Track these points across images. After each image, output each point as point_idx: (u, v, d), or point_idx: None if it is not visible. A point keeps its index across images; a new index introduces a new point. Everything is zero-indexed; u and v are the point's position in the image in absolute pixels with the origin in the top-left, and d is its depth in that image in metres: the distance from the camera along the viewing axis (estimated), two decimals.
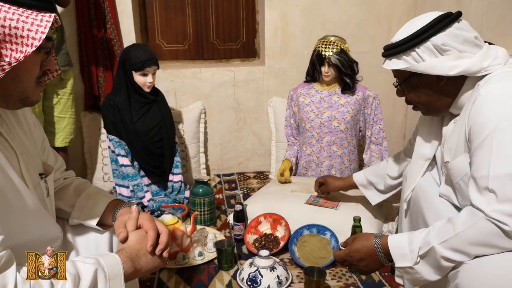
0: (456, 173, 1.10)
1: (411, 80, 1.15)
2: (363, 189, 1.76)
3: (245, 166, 2.87)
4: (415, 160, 1.33)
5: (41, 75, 0.88)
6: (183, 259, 1.70)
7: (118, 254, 0.87)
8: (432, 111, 1.20)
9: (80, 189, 1.15)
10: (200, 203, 2.01)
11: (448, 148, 1.14)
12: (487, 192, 0.94)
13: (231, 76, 2.70)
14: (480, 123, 0.98)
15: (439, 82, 1.11)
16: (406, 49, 1.10)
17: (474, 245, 0.94)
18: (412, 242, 1.03)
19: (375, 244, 1.10)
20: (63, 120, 2.08)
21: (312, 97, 2.29)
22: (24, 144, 0.97)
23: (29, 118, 1.04)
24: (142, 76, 2.03)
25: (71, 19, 2.37)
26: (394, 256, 1.06)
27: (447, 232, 0.98)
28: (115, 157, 2.06)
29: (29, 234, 0.86)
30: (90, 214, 1.08)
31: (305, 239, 1.72)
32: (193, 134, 2.60)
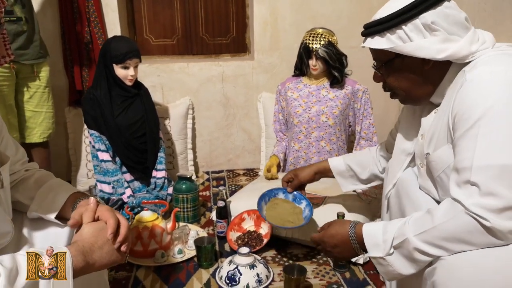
0: (438, 166, 1.03)
1: (393, 63, 1.04)
2: (338, 177, 1.58)
3: (234, 163, 2.81)
4: (396, 155, 1.26)
5: None
6: (162, 256, 1.64)
7: (68, 248, 0.81)
8: (412, 98, 1.10)
9: (41, 181, 1.09)
10: (183, 200, 1.96)
11: (429, 139, 1.06)
12: (468, 185, 0.87)
13: (219, 71, 2.65)
14: (465, 110, 0.90)
15: (424, 66, 1.01)
16: (391, 26, 0.99)
17: (452, 240, 0.88)
18: (387, 232, 0.98)
19: (349, 232, 1.06)
20: (39, 115, 2.02)
21: (300, 91, 2.23)
22: None
23: None
24: (123, 69, 1.98)
25: (54, 12, 2.32)
26: (367, 245, 1.01)
27: (424, 223, 0.92)
28: (95, 152, 2.01)
29: None
30: (50, 207, 1.02)
31: (277, 202, 1.58)
32: (180, 130, 2.55)
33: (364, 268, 1.60)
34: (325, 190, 1.92)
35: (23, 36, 1.86)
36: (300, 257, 1.70)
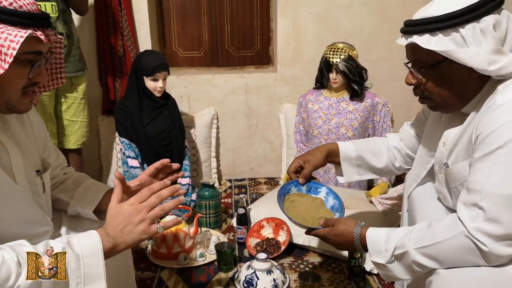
0: (456, 178, 1.04)
1: (440, 67, 0.96)
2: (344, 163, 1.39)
3: (256, 171, 2.89)
4: (421, 155, 1.25)
5: (28, 85, 0.90)
6: (184, 259, 1.74)
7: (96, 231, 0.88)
8: (446, 107, 1.04)
9: (79, 181, 1.21)
10: (205, 206, 2.05)
11: (449, 149, 1.05)
12: (475, 208, 0.89)
13: (243, 83, 2.75)
14: (489, 134, 0.89)
15: (471, 74, 0.94)
16: (448, 27, 0.91)
17: (449, 257, 0.93)
18: (389, 241, 1.02)
19: (354, 234, 1.09)
20: (75, 124, 2.18)
21: (321, 103, 2.30)
22: (24, 142, 1.03)
23: (33, 117, 1.11)
24: (152, 81, 2.11)
25: (91, 27, 2.49)
26: (370, 250, 1.05)
27: (425, 238, 0.96)
28: (125, 159, 2.14)
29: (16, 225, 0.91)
30: (88, 202, 1.13)
31: (292, 199, 1.32)
32: (204, 139, 2.66)
33: (378, 278, 1.64)
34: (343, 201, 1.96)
35: (64, 51, 2.01)
36: (316, 265, 1.75)
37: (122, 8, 2.43)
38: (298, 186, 1.37)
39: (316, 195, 1.37)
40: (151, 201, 0.92)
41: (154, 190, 0.95)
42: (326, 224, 1.17)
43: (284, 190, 1.34)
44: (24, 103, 0.92)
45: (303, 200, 1.32)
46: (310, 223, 1.22)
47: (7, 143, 0.94)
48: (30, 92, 0.92)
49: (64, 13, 2.01)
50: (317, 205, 1.31)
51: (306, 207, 1.28)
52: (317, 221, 1.22)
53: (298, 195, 1.34)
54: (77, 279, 0.82)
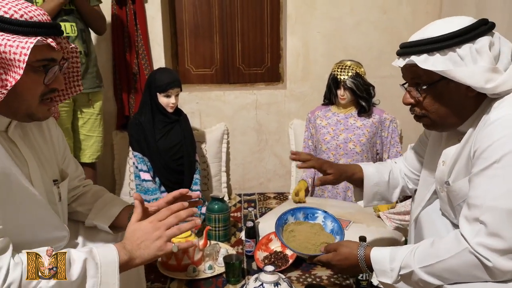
0: (458, 196, 1.06)
1: (438, 86, 0.99)
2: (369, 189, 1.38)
3: (266, 186, 2.92)
4: (424, 177, 1.27)
5: (46, 93, 0.94)
6: (193, 271, 1.77)
7: (114, 244, 0.95)
8: (443, 125, 1.06)
9: (97, 195, 1.26)
10: (215, 219, 2.09)
11: (449, 167, 1.08)
12: (477, 223, 0.91)
13: (253, 99, 2.81)
14: (484, 149, 0.92)
15: (468, 93, 0.98)
16: (445, 47, 0.94)
17: (454, 274, 0.94)
18: (394, 260, 1.03)
19: (358, 256, 1.10)
20: (90, 138, 2.26)
21: (329, 119, 2.34)
22: (43, 152, 1.08)
23: (53, 130, 1.16)
24: (165, 97, 2.18)
25: (108, 46, 2.59)
26: (375, 270, 1.06)
27: (429, 257, 0.97)
28: (138, 172, 2.20)
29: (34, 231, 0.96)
30: (105, 217, 1.18)
31: (291, 229, 1.34)
32: (215, 154, 2.71)
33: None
34: (350, 215, 1.99)
35: (82, 68, 2.10)
36: (324, 279, 1.76)
37: (138, 28, 2.54)
38: (294, 215, 1.41)
39: (314, 221, 1.40)
40: (169, 220, 0.98)
41: (172, 210, 1.01)
42: (327, 250, 1.17)
43: (281, 221, 1.36)
44: (42, 110, 0.95)
45: (302, 228, 1.35)
46: (312, 250, 1.23)
47: (27, 154, 1.00)
48: (48, 100, 0.96)
49: (83, 32, 2.11)
50: (317, 230, 1.34)
51: (306, 235, 1.31)
52: (318, 248, 1.23)
53: (296, 224, 1.38)
54: (93, 287, 0.87)
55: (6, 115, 0.93)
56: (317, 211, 1.41)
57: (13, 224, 0.88)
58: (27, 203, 0.93)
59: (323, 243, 1.24)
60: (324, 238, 1.29)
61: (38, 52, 0.88)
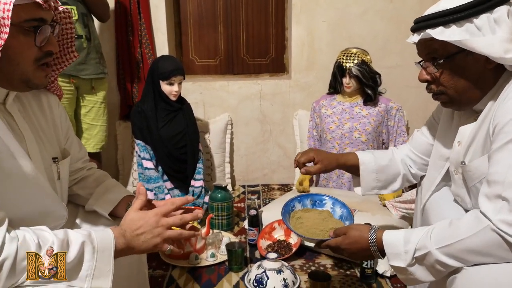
0: (474, 176, 1.01)
1: (455, 58, 0.96)
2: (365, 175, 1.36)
3: (270, 178, 2.90)
4: (433, 161, 1.23)
5: (41, 57, 0.90)
6: (196, 259, 1.75)
7: (111, 229, 0.92)
8: (460, 101, 1.02)
9: (99, 180, 1.23)
10: (218, 208, 2.07)
11: (466, 147, 1.03)
12: (498, 200, 0.86)
13: (257, 89, 2.78)
14: (505, 124, 0.88)
15: (486, 65, 0.94)
16: (461, 18, 0.91)
17: (475, 254, 0.88)
18: (408, 242, 0.97)
19: (369, 239, 1.03)
20: (94, 128, 2.23)
21: (334, 108, 2.30)
22: (42, 129, 1.06)
23: (55, 109, 1.13)
24: (168, 85, 2.16)
25: (111, 34, 2.58)
26: (388, 254, 1.01)
27: (447, 237, 0.92)
28: (140, 161, 2.18)
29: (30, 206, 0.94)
30: (105, 204, 1.15)
31: (298, 215, 1.29)
32: (219, 144, 2.69)
33: (391, 281, 1.61)
34: (356, 204, 1.95)
35: (84, 52, 2.08)
36: (328, 267, 1.73)
37: (141, 16, 2.52)
38: (302, 201, 1.35)
39: (322, 208, 1.34)
40: (174, 221, 0.96)
41: (177, 204, 1.00)
42: (336, 234, 1.10)
43: (288, 208, 1.30)
44: (39, 76, 0.92)
45: (310, 215, 1.29)
46: (321, 236, 1.18)
47: (24, 128, 0.97)
48: (44, 66, 0.93)
49: (84, 16, 2.09)
50: (325, 217, 1.28)
51: (314, 221, 1.25)
52: (327, 233, 1.18)
53: (304, 211, 1.32)
54: (87, 271, 0.84)
55: (2, 84, 0.91)
56: (325, 198, 1.35)
57: (7, 198, 0.86)
58: (22, 177, 0.91)
59: (331, 228, 1.18)
60: (332, 224, 1.23)
61: (25, 12, 0.84)
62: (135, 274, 1.28)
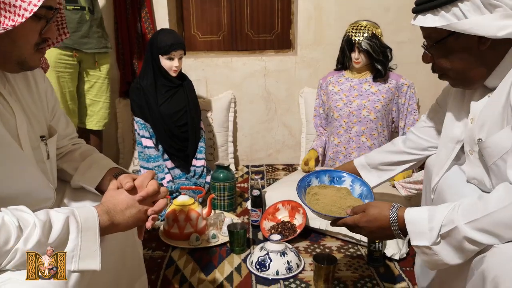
0: (494, 152, 0.94)
1: (447, 42, 0.97)
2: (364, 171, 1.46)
3: (274, 158, 2.82)
4: (443, 144, 1.18)
5: (40, 42, 0.90)
6: (196, 240, 1.69)
7: (95, 207, 0.87)
8: (464, 81, 1.02)
9: (85, 154, 1.17)
10: (220, 188, 2.00)
11: (480, 124, 0.99)
12: None
13: (262, 66, 2.68)
14: None
15: (480, 46, 0.94)
16: (446, 3, 0.93)
17: (506, 227, 0.81)
18: (433, 219, 0.90)
19: (390, 217, 0.97)
20: (97, 104, 2.16)
21: (342, 85, 2.20)
22: (29, 106, 1.00)
23: (41, 83, 1.07)
24: (168, 60, 2.07)
25: (109, 8, 2.47)
26: (411, 233, 0.93)
27: (476, 210, 0.85)
28: (139, 139, 2.11)
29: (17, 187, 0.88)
30: (91, 179, 1.09)
31: (315, 191, 1.21)
32: (222, 122, 2.60)
33: (400, 264, 1.54)
34: None
35: (86, 25, 1.99)
36: (333, 249, 1.67)
37: None
38: (319, 177, 1.28)
39: (341, 185, 1.26)
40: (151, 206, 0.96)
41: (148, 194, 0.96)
42: (354, 212, 1.05)
43: (304, 183, 1.23)
44: (35, 59, 0.91)
45: (327, 191, 1.21)
46: (337, 213, 1.10)
47: (14, 106, 0.92)
48: (42, 49, 0.92)
49: None
50: (343, 194, 1.20)
51: (331, 198, 1.17)
52: (344, 211, 1.11)
53: (321, 187, 1.24)
54: (73, 252, 0.79)
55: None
56: (344, 175, 1.28)
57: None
58: (13, 160, 0.86)
59: (349, 206, 1.11)
60: (351, 202, 1.15)
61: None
62: (129, 255, 1.23)
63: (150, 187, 0.96)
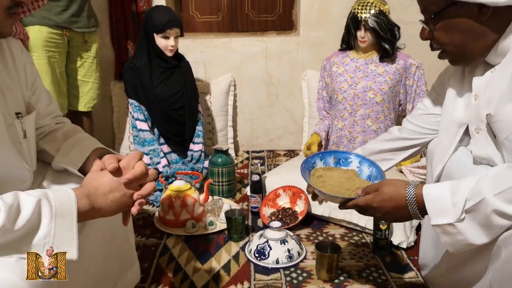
0: (506, 126, 0.88)
1: (446, 13, 0.92)
2: None
3: (276, 144, 2.72)
4: (444, 129, 1.10)
5: (12, 6, 0.83)
6: (193, 227, 1.61)
7: (73, 190, 0.78)
8: (464, 57, 0.97)
9: (69, 134, 1.08)
10: (218, 173, 1.91)
11: (486, 99, 0.93)
12: None
13: (263, 47, 2.57)
14: None
15: (480, 17, 0.89)
16: None
17: None
18: (457, 193, 0.82)
19: (407, 195, 0.88)
20: (86, 84, 2.07)
21: (346, 66, 2.09)
22: (3, 79, 0.91)
23: (18, 55, 0.99)
24: (163, 38, 1.96)
25: None
26: (431, 211, 0.85)
27: (507, 180, 0.77)
28: (134, 122, 2.02)
29: None
30: (73, 160, 1.00)
31: (319, 174, 1.11)
32: (221, 106, 2.50)
33: (407, 253, 1.45)
34: None
35: (76, 4, 1.90)
36: (337, 237, 1.58)
37: None
38: (324, 159, 1.17)
39: (347, 167, 1.16)
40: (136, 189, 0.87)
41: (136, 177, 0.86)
42: (367, 191, 0.96)
43: (308, 164, 1.13)
44: (7, 25, 0.85)
45: (333, 173, 1.12)
46: (347, 195, 1.01)
47: None
48: (14, 14, 0.85)
49: None
50: (351, 176, 1.11)
51: (338, 180, 1.08)
52: (353, 192, 1.01)
53: (326, 169, 1.14)
54: (45, 239, 0.71)
55: None
56: (351, 156, 1.18)
57: None
58: None
59: (359, 188, 1.02)
60: (359, 184, 1.05)
61: None
62: (119, 243, 1.15)
63: (137, 169, 0.87)
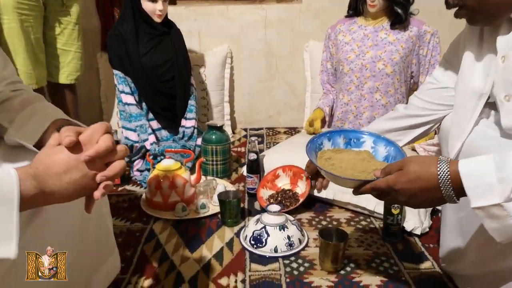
0: None
1: None
2: None
3: (275, 120, 2.55)
4: (461, 102, 0.96)
5: None
6: (183, 210, 1.45)
7: (15, 169, 0.61)
8: (486, 14, 0.85)
9: (27, 103, 0.90)
10: (212, 151, 1.75)
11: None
12: None
13: (262, 16, 2.36)
14: None
15: None
16: None
17: None
18: (505, 167, 0.67)
19: (439, 173, 0.72)
20: (67, 54, 1.88)
21: (354, 34, 1.89)
22: None
23: None
24: (150, 2, 1.77)
25: None
26: (471, 191, 0.69)
27: None
28: (119, 95, 1.84)
29: None
30: (29, 133, 0.83)
31: (328, 156, 0.95)
32: (216, 80, 2.32)
33: (421, 240, 1.30)
34: None
35: None
36: (342, 222, 1.43)
37: None
38: (332, 139, 1.01)
39: (360, 148, 1.00)
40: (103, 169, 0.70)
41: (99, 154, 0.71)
42: (387, 172, 0.80)
43: (314, 145, 0.97)
44: None
45: (344, 155, 0.96)
46: (363, 177, 0.86)
47: None
48: None
49: None
50: (364, 158, 0.95)
51: (350, 162, 0.93)
52: (370, 174, 0.86)
53: (335, 151, 0.98)
54: None
55: None
56: (364, 135, 1.01)
57: None
58: None
59: (376, 169, 0.86)
60: (376, 166, 0.90)
61: None
62: (93, 230, 1.00)
63: (101, 144, 0.69)
